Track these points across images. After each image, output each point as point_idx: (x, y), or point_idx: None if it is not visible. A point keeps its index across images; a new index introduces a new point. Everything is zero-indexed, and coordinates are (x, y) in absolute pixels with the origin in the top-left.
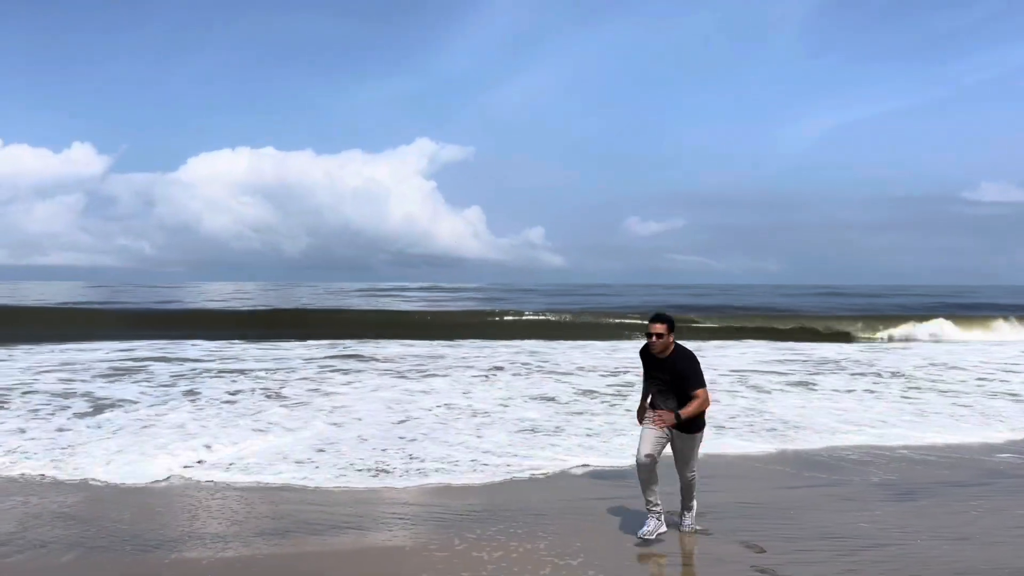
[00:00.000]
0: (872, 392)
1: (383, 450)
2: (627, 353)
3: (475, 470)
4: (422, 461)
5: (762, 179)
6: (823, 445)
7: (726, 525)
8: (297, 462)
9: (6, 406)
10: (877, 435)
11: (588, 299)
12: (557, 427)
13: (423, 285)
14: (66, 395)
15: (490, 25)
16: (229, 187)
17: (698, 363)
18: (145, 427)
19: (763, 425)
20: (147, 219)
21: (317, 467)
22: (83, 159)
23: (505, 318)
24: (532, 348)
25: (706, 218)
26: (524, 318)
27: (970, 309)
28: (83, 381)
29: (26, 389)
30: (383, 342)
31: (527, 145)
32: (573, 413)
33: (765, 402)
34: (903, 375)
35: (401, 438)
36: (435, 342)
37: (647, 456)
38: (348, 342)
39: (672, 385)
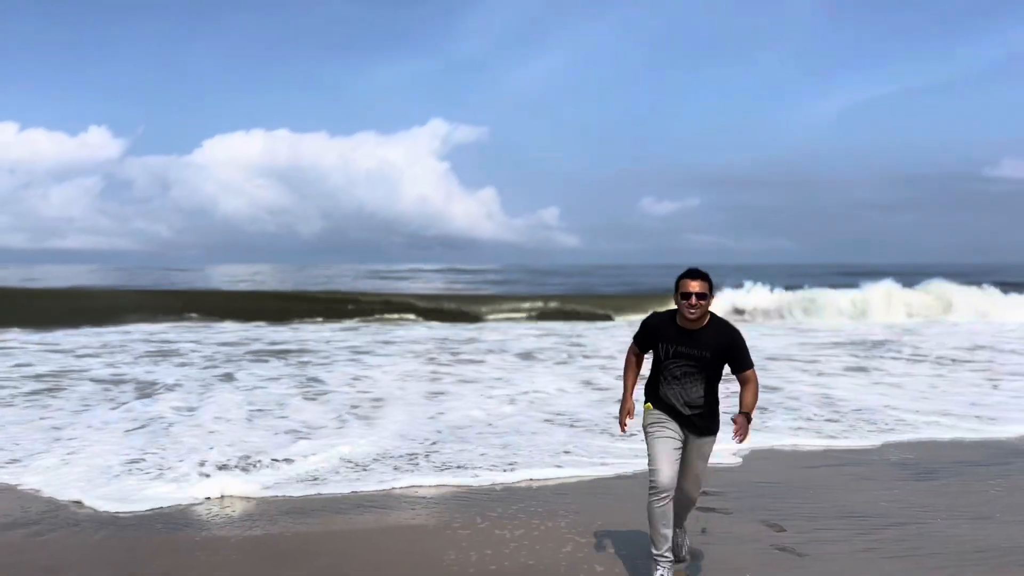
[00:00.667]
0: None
1: (416, 440)
2: None
3: (515, 465)
4: (455, 460)
5: (779, 158)
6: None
7: (745, 504)
8: (327, 448)
9: (57, 395)
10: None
11: (610, 279)
12: (603, 418)
13: (439, 267)
14: (115, 381)
15: (505, 5)
16: (244, 170)
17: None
18: (173, 424)
19: (856, 417)
20: (163, 202)
21: (346, 454)
22: (99, 142)
23: (527, 302)
24: (560, 330)
25: (722, 197)
26: (546, 300)
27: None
28: (128, 365)
29: (74, 376)
30: (408, 324)
31: (541, 125)
32: (618, 401)
33: (832, 389)
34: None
35: (435, 429)
36: (462, 325)
37: (671, 478)
38: (372, 325)
39: (708, 365)
